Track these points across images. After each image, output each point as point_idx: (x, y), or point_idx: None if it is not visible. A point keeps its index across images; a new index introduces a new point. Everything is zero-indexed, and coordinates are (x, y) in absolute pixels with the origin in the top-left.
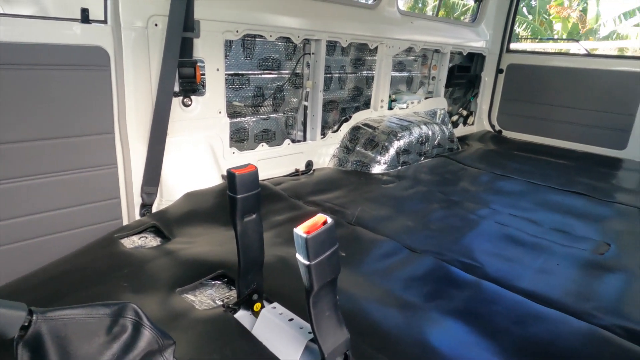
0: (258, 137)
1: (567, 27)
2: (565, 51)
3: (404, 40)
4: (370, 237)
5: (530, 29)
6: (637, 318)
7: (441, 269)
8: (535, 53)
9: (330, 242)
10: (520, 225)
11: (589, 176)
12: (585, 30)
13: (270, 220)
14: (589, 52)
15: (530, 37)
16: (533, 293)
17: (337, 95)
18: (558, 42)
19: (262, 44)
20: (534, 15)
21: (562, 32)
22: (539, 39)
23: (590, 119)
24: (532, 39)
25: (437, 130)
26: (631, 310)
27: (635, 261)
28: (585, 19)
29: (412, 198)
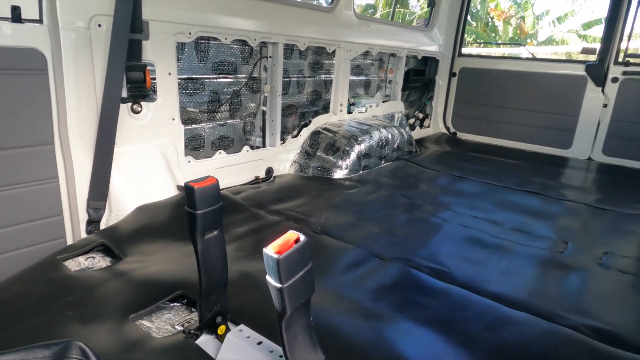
0: (215, 144)
1: (508, 31)
2: (510, 55)
3: (361, 44)
4: (337, 246)
5: (474, 34)
6: (601, 316)
7: (410, 277)
8: (485, 57)
9: (304, 261)
10: (482, 227)
11: (540, 175)
12: (524, 34)
13: (232, 233)
14: (534, 57)
15: (480, 41)
16: (501, 296)
17: (296, 99)
18: (507, 47)
19: (216, 46)
20: (476, 21)
21: (503, 36)
22: (483, 44)
23: (538, 120)
24: (483, 44)
25: (397, 133)
26: (595, 308)
27: (592, 257)
28: (523, 24)
29: (376, 203)
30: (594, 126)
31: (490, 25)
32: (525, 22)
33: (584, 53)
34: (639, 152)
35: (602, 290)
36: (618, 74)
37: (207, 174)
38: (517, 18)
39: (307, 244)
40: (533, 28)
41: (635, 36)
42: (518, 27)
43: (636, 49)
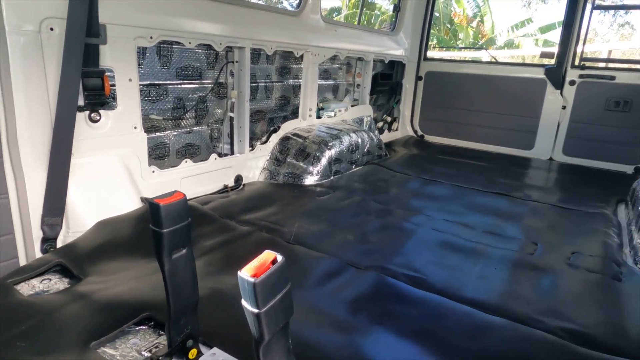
0: (181, 152)
1: (469, 35)
2: (473, 59)
3: (329, 48)
4: (311, 256)
5: (436, 39)
6: (575, 318)
7: (387, 286)
8: (450, 61)
9: (282, 283)
10: (455, 231)
11: (506, 176)
12: (485, 39)
13: (200, 246)
14: (496, 60)
15: (442, 45)
16: (478, 302)
17: (264, 105)
18: (470, 51)
19: (180, 51)
20: (438, 25)
21: (464, 40)
22: (445, 48)
23: (501, 122)
24: (446, 48)
25: (366, 137)
26: (568, 310)
27: (561, 258)
28: (483, 29)
29: (348, 209)
30: (554, 127)
31: (452, 29)
32: (485, 26)
33: (543, 57)
34: (596, 152)
35: (573, 291)
36: (575, 77)
37: (173, 184)
38: (478, 22)
39: (284, 265)
40: (492, 33)
41: (589, 40)
42: (478, 31)
43: (592, 52)
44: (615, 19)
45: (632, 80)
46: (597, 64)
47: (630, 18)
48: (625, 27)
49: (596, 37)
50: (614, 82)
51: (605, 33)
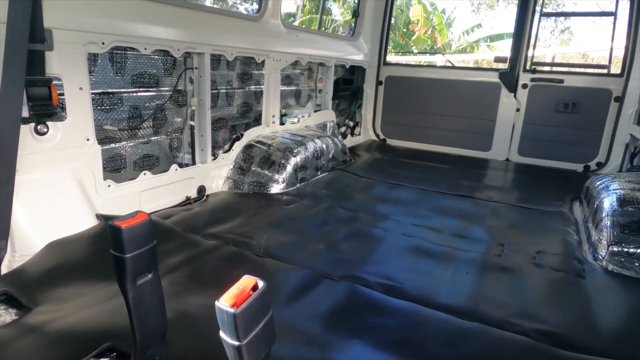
0: (138, 164)
1: (426, 40)
2: (431, 63)
3: (291, 54)
4: (283, 269)
5: (393, 43)
6: (546, 318)
7: (363, 296)
8: (409, 66)
9: (264, 310)
10: (424, 235)
11: (467, 178)
12: (439, 44)
13: (164, 264)
14: (453, 65)
15: (400, 50)
16: (453, 307)
17: (226, 112)
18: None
19: (135, 57)
20: (394, 30)
21: (420, 45)
22: (402, 53)
23: (460, 125)
24: (402, 53)
25: (331, 143)
26: (539, 311)
27: (527, 258)
28: (436, 35)
29: (317, 217)
30: (509, 129)
31: (408, 34)
32: (438, 31)
33: (497, 61)
34: (548, 152)
35: (541, 290)
36: (527, 80)
37: (131, 198)
38: (432, 29)
39: (266, 290)
40: (445, 38)
41: (539, 45)
42: (432, 37)
43: (542, 56)
44: (556, 25)
45: (579, 83)
46: (546, 68)
47: (572, 24)
48: (565, 32)
49: (545, 43)
50: (563, 85)
51: (548, 38)
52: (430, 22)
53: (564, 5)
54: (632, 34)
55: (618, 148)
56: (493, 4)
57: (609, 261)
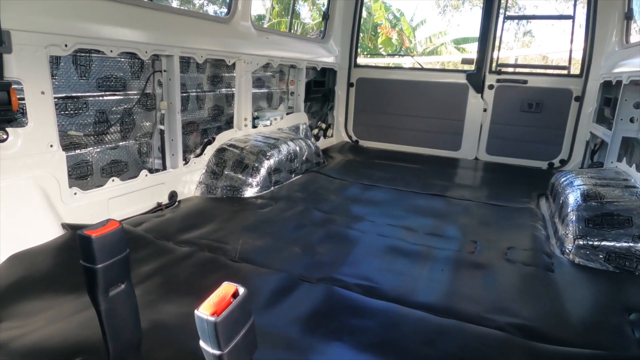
0: (106, 170)
1: (392, 43)
2: (400, 65)
3: (262, 56)
4: (260, 273)
5: (362, 45)
6: (519, 312)
7: (341, 298)
8: (379, 67)
9: (245, 317)
10: (400, 234)
11: (439, 177)
12: (405, 47)
13: (136, 273)
14: (422, 67)
15: (370, 52)
16: (431, 306)
17: (196, 115)
18: (397, 57)
19: (100, 60)
20: (363, 32)
21: (387, 48)
22: (371, 55)
23: (430, 125)
24: (371, 55)
25: (304, 145)
26: (512, 305)
27: (499, 254)
28: (404, 38)
29: (292, 220)
30: (477, 129)
31: (375, 37)
32: (404, 34)
33: (464, 63)
34: (515, 150)
35: (513, 285)
36: (493, 81)
37: (99, 205)
38: (399, 32)
39: (247, 297)
40: (411, 42)
41: (504, 47)
42: (400, 39)
43: (506, 58)
44: (519, 27)
45: (542, 83)
46: (511, 69)
47: (534, 27)
48: (528, 35)
49: (509, 45)
50: (527, 85)
51: (512, 41)
52: (397, 24)
53: (526, 8)
54: (589, 36)
55: (579, 145)
56: (458, 6)
57: (576, 254)
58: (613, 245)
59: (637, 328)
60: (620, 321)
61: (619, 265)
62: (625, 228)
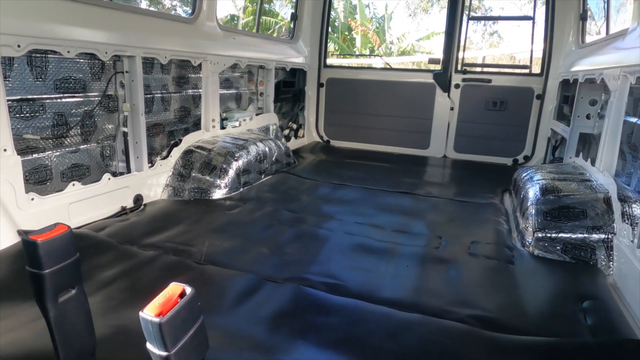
0: (66, 174)
1: (366, 43)
2: (370, 66)
3: (229, 57)
4: (225, 275)
5: (337, 45)
6: (480, 304)
7: (307, 296)
8: (348, 68)
9: (194, 317)
10: (367, 232)
11: (408, 175)
12: (379, 46)
13: (97, 279)
14: (390, 67)
15: (339, 52)
16: (395, 301)
17: (162, 117)
18: (368, 58)
19: (57, 61)
20: (338, 33)
21: (361, 47)
22: (343, 55)
23: (400, 124)
24: (343, 55)
25: (274, 146)
26: (474, 298)
27: (462, 248)
28: (377, 38)
29: (261, 221)
30: (445, 127)
31: (350, 38)
32: (377, 35)
33: (431, 63)
34: (481, 148)
35: (476, 278)
36: (459, 80)
37: (58, 211)
38: (373, 32)
39: (195, 296)
40: (384, 41)
41: (468, 48)
42: (373, 40)
43: (472, 58)
44: (486, 28)
45: (505, 82)
46: (476, 69)
47: (499, 28)
48: (494, 35)
49: (476, 45)
50: (491, 84)
51: (479, 41)
52: (368, 23)
53: (492, 9)
54: (549, 37)
55: (541, 142)
56: (427, 8)
57: (535, 246)
58: (569, 236)
59: (589, 315)
60: (574, 309)
61: (574, 256)
62: (581, 220)
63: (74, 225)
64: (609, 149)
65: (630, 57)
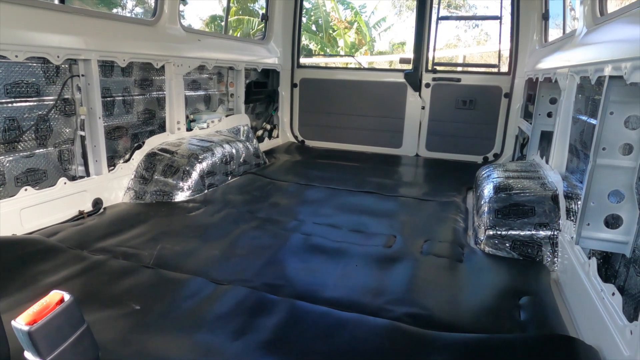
0: (21, 179)
1: (348, 42)
2: (343, 65)
3: (194, 58)
4: (172, 278)
5: (320, 44)
6: (420, 302)
7: (249, 298)
8: (321, 68)
9: (74, 324)
10: (324, 232)
11: (377, 175)
12: (362, 45)
13: (40, 285)
14: (363, 66)
15: (316, 53)
16: (336, 300)
17: (125, 120)
18: (342, 58)
19: (7, 65)
20: (321, 32)
21: (344, 47)
22: (317, 55)
23: (373, 124)
24: (317, 55)
25: (241, 147)
26: (415, 296)
27: (414, 247)
28: (360, 37)
29: (220, 223)
30: (417, 126)
31: (332, 36)
32: (360, 34)
33: (402, 62)
34: (453, 146)
35: (422, 277)
36: (430, 80)
37: (8, 216)
38: (356, 31)
39: (74, 304)
40: (368, 39)
41: (439, 47)
42: (356, 38)
43: (442, 57)
44: (457, 27)
45: (474, 81)
46: (446, 68)
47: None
48: (466, 35)
49: (446, 45)
50: (460, 83)
51: (449, 40)
52: (351, 21)
53: (466, 8)
54: (515, 36)
55: (510, 140)
56: (413, 7)
57: (486, 244)
58: (518, 234)
59: (524, 311)
60: (510, 305)
61: (522, 253)
62: (529, 217)
63: (25, 231)
64: (560, 146)
65: (577, 58)
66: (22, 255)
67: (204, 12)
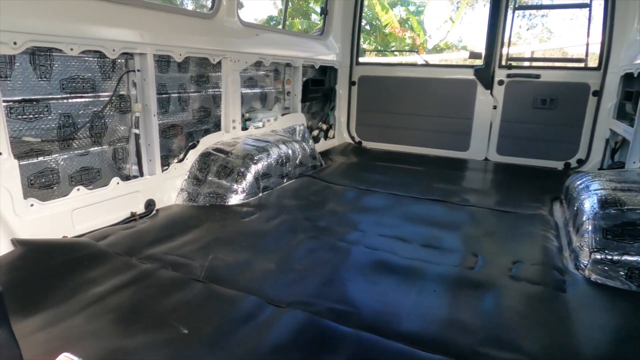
0: (75, 178)
1: (404, 42)
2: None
3: (251, 54)
4: (225, 296)
5: (375, 44)
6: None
7: (312, 326)
8: (382, 65)
9: None
10: (391, 247)
11: (442, 180)
12: (418, 44)
13: (86, 296)
14: (428, 63)
15: (374, 50)
16: (415, 336)
17: (180, 118)
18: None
19: (63, 59)
20: (376, 32)
21: (398, 44)
22: (377, 52)
23: (437, 124)
24: (377, 52)
25: (298, 148)
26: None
27: (502, 270)
28: (415, 37)
29: (276, 231)
30: (487, 127)
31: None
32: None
33: (472, 58)
34: (528, 150)
35: (517, 310)
36: (503, 76)
37: (60, 217)
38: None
39: None
40: (423, 37)
41: (513, 42)
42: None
43: (517, 53)
44: (531, 21)
45: (556, 78)
46: (522, 64)
47: (549, 20)
48: (543, 27)
49: (520, 39)
50: (540, 80)
51: (526, 35)
52: (407, 24)
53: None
54: (608, 26)
55: (598, 144)
56: (472, 3)
57: (592, 270)
58: (636, 260)
59: None
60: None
61: None
62: None
63: (76, 233)
64: None
65: None
66: (70, 260)
67: (259, 14)
